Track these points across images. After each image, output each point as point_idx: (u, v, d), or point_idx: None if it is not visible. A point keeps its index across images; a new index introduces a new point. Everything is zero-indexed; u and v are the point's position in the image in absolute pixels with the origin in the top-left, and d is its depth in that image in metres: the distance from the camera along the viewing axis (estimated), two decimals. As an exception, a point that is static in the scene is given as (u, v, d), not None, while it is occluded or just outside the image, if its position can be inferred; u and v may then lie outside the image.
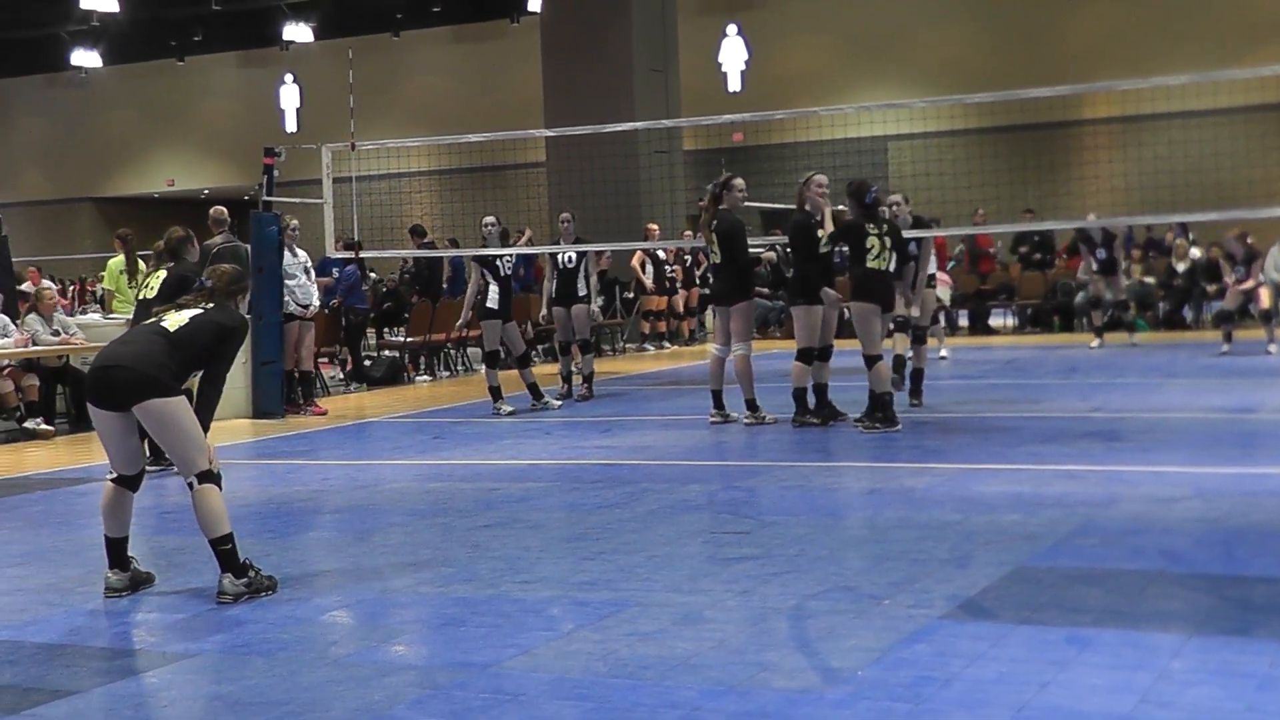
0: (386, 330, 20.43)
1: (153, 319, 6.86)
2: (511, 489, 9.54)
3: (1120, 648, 5.20)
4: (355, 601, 6.53)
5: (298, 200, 17.09)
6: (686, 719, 4.62)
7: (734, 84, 34.82)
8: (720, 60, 35.09)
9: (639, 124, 19.41)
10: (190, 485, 6.53)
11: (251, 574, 6.57)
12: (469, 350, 20.07)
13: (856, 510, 8.25)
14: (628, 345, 23.44)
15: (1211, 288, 19.85)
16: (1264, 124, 27.59)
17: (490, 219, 14.58)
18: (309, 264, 15.53)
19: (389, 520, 8.55)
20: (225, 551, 6.52)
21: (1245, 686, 4.69)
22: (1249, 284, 17.54)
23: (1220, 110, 26.66)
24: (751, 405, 12.31)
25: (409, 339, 19.11)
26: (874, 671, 5.03)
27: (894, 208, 12.69)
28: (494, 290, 14.06)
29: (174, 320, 6.71)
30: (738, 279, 12.35)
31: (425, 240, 20.70)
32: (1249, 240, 18.10)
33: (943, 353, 18.13)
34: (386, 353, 19.24)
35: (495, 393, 14.08)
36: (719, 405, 12.55)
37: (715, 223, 12.35)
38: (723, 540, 7.55)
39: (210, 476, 6.53)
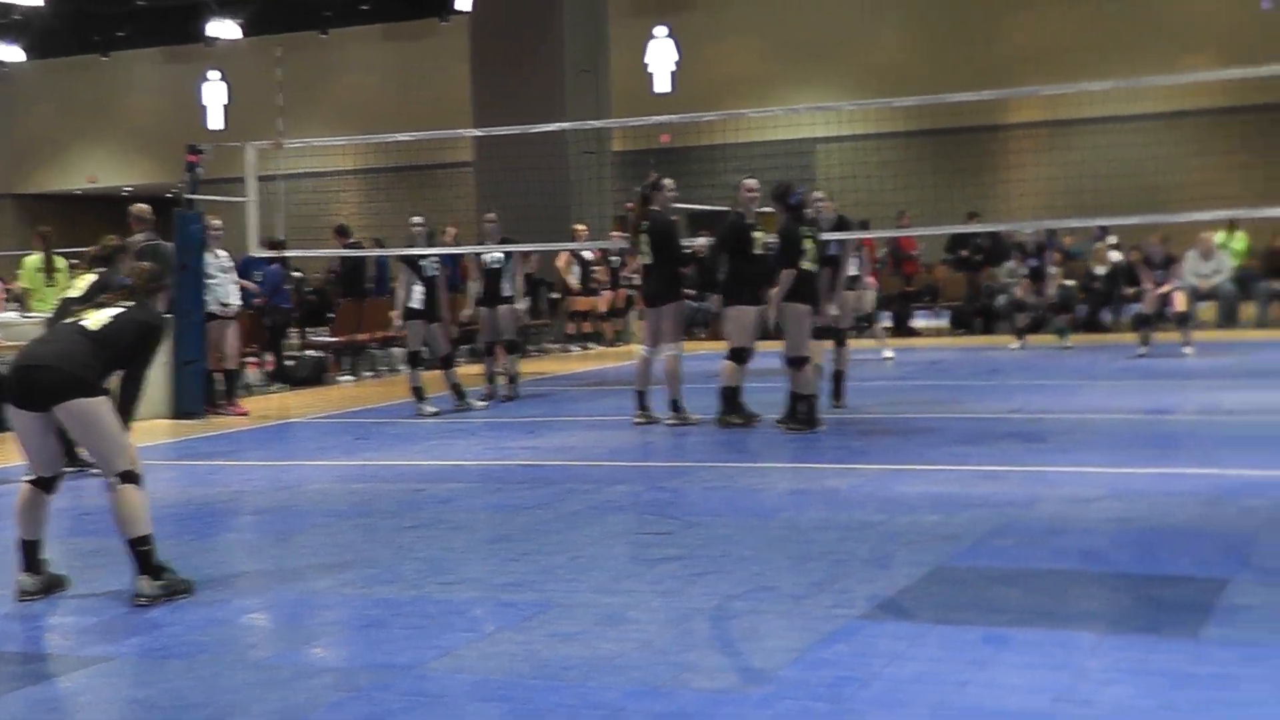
0: (310, 330, 20.29)
1: (71, 318, 6.78)
2: (435, 490, 9.51)
3: (1038, 647, 5.25)
4: (276, 603, 6.49)
5: (222, 198, 16.95)
6: (609, 719, 4.63)
7: (663, 85, 34.87)
8: (649, 62, 35.13)
9: (568, 124, 19.40)
10: (111, 485, 6.47)
11: (169, 576, 6.51)
12: (393, 350, 19.99)
13: (779, 511, 8.29)
14: (553, 346, 23.42)
15: (1130, 291, 20.07)
16: (1185, 130, 27.94)
17: (418, 219, 14.52)
18: (230, 264, 15.41)
19: (311, 521, 8.51)
20: (143, 553, 6.45)
21: (1160, 684, 4.76)
22: (1167, 288, 17.75)
23: (1144, 116, 26.98)
24: (676, 406, 12.34)
25: (333, 339, 19.01)
26: (794, 671, 5.06)
27: (818, 205, 12.77)
28: (418, 290, 14.00)
29: (95, 319, 6.63)
30: (669, 280, 12.39)
31: (350, 240, 20.59)
32: (1168, 245, 18.34)
33: (886, 353, 18.32)
34: (310, 353, 19.13)
35: (419, 393, 14.03)
36: (643, 406, 12.57)
37: (647, 223, 12.37)
38: (646, 541, 7.56)
39: (131, 477, 6.46)
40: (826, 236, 12.48)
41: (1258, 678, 4.79)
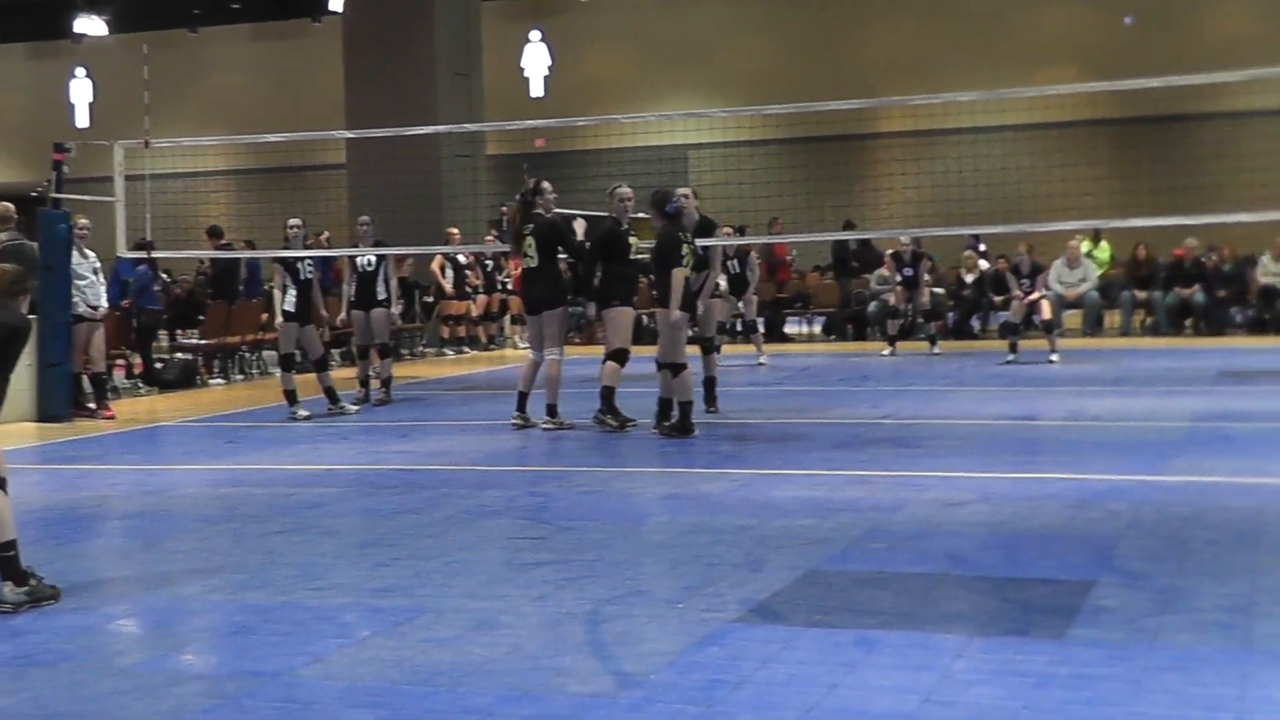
0: (180, 332, 19.98)
1: None
2: (306, 494, 9.42)
3: (906, 649, 5.33)
4: (143, 609, 6.40)
5: (89, 198, 16.65)
6: (480, 724, 4.63)
7: (537, 89, 34.83)
8: (524, 65, 35.07)
9: (441, 127, 19.33)
10: (-27, 490, 6.33)
11: (33, 582, 6.39)
12: (264, 353, 19.77)
13: (653, 515, 8.32)
14: (426, 350, 23.30)
15: (998, 299, 20.40)
16: (1048, 142, 28.42)
17: (295, 221, 14.36)
18: (98, 264, 15.14)
19: (180, 526, 8.39)
20: (6, 559, 6.33)
21: (1024, 685, 4.85)
22: (1033, 296, 18.07)
23: (1009, 127, 27.42)
24: (552, 410, 12.34)
25: (203, 341, 18.75)
26: (667, 675, 5.08)
27: (682, 200, 12.88)
28: (291, 294, 13.86)
29: None
30: (554, 284, 12.40)
31: (222, 241, 20.33)
32: (1033, 254, 18.67)
33: (761, 359, 18.45)
34: (180, 355, 18.85)
35: (290, 397, 13.89)
36: (521, 408, 12.56)
37: (532, 226, 12.36)
38: (520, 545, 7.56)
39: (-5, 481, 6.34)
40: (704, 243, 12.53)
41: (1119, 677, 4.90)
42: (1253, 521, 7.57)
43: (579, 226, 13.14)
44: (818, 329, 24.65)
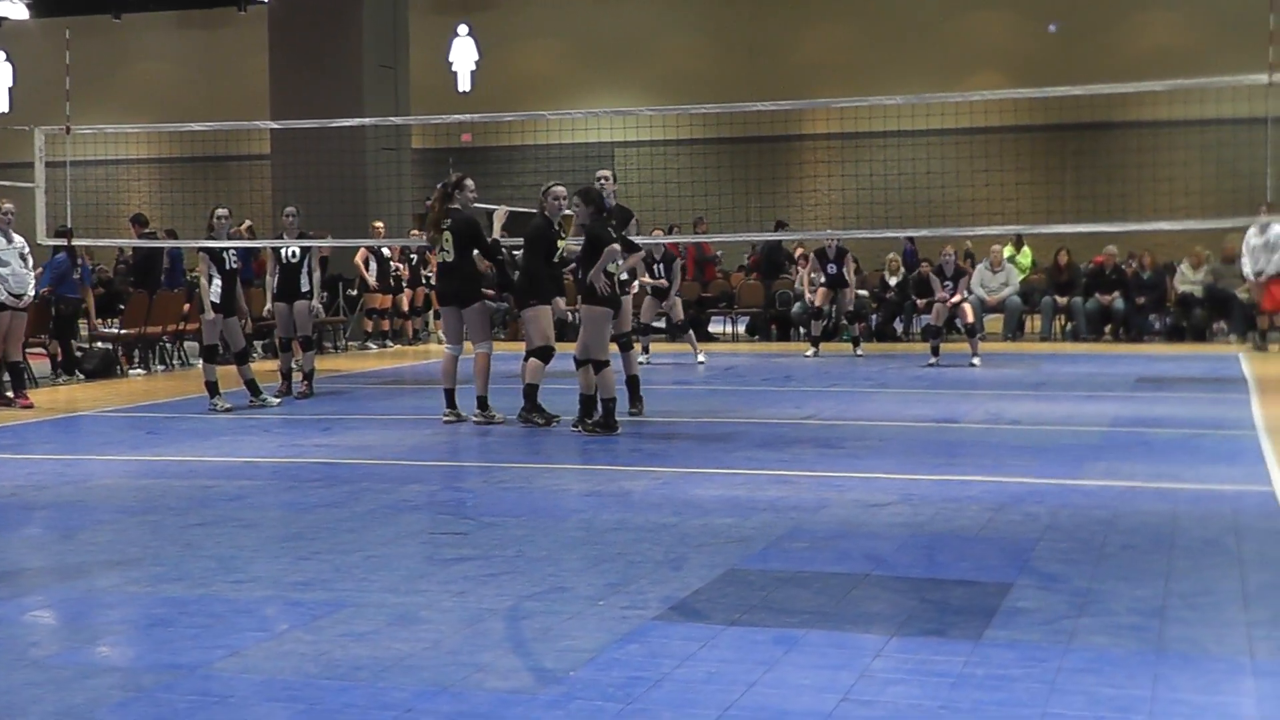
0: (100, 321, 19.74)
1: None
2: (226, 487, 9.35)
3: (826, 648, 5.36)
4: (58, 601, 6.33)
5: (8, 183, 16.44)
6: (399, 720, 4.61)
7: (464, 84, 34.75)
8: (451, 60, 34.98)
9: (367, 120, 19.22)
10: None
11: None
12: (185, 344, 19.59)
13: (575, 512, 8.32)
14: (350, 343, 23.18)
15: (921, 302, 20.55)
16: (973, 147, 28.68)
17: (223, 210, 14.21)
18: (25, 250, 14.84)
19: (97, 517, 8.30)
20: None
21: (940, 685, 4.89)
22: (956, 299, 18.21)
23: (933, 131, 27.65)
24: (482, 403, 12.34)
25: (124, 330, 18.55)
26: (587, 672, 5.08)
27: (602, 181, 12.86)
28: (217, 283, 13.74)
29: None
30: (469, 279, 12.40)
31: (145, 230, 20.12)
32: (959, 257, 18.83)
33: (701, 358, 18.49)
34: (100, 344, 18.63)
35: (212, 388, 13.77)
36: (451, 404, 12.53)
37: (449, 221, 12.33)
38: (441, 541, 7.54)
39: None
40: (639, 240, 12.56)
41: (1034, 678, 4.95)
42: (1168, 526, 7.67)
43: (501, 214, 13.08)
44: (741, 329, 24.73)
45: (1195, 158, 24.95)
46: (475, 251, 12.56)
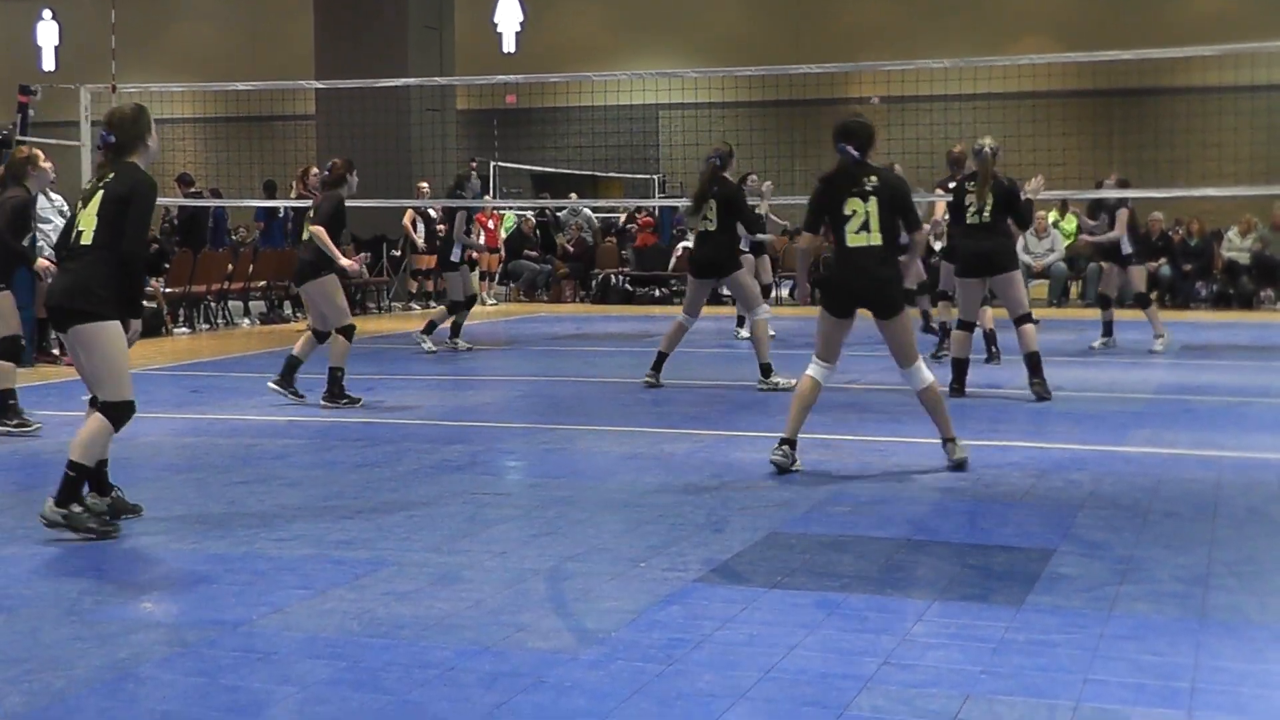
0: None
1: None
2: (269, 445, 9.40)
3: (867, 612, 5.35)
4: (103, 557, 6.38)
5: (54, 141, 16.51)
6: (440, 679, 4.63)
7: (509, 45, 34.66)
8: (496, 21, 34.89)
9: (411, 80, 19.24)
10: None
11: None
12: (229, 303, 19.67)
13: (616, 474, 8.33)
14: (394, 304, 23.23)
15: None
16: (1020, 111, 28.46)
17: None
18: (66, 209, 14.94)
19: (141, 475, 8.36)
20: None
21: (982, 650, 4.88)
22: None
23: (979, 95, 27.46)
24: (766, 370, 12.31)
25: (169, 289, 18.64)
26: (628, 633, 5.09)
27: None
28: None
29: None
30: (729, 248, 12.37)
31: (191, 189, 20.20)
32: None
33: (743, 333, 18.45)
34: (145, 303, 18.71)
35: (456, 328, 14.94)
36: (657, 366, 12.49)
37: (717, 188, 12.24)
38: (483, 501, 7.56)
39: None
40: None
41: (1076, 645, 4.93)
42: (1211, 494, 7.63)
43: (769, 190, 13.33)
44: (785, 292, 24.64)
45: (1245, 124, 24.73)
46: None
